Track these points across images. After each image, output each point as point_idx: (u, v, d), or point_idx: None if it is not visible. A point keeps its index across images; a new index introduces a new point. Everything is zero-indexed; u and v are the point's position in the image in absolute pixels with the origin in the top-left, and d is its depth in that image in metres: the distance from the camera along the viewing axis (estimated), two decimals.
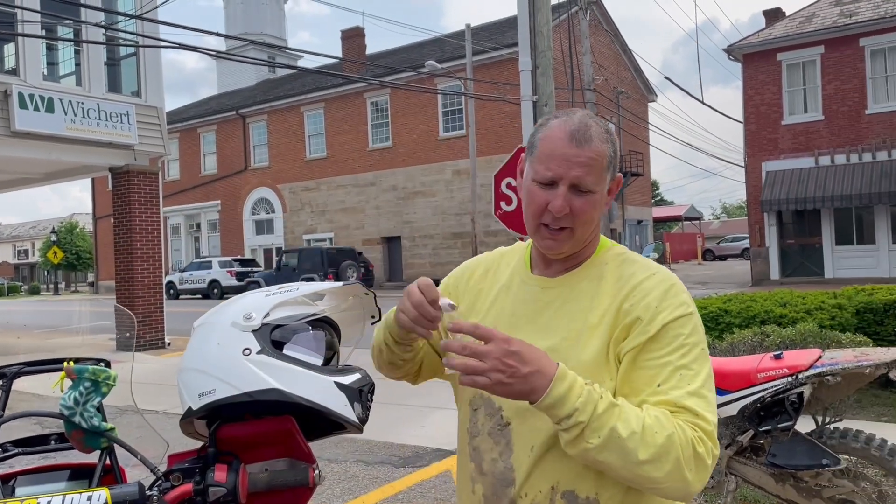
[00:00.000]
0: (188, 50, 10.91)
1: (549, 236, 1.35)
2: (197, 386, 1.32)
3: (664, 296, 1.30)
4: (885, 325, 6.18)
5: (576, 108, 1.43)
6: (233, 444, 1.34)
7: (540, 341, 1.30)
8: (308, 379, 1.30)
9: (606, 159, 1.33)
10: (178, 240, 39.16)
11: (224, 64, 41.46)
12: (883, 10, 21.06)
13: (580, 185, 1.30)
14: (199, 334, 1.39)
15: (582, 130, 1.31)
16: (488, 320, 1.42)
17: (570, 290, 1.37)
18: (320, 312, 1.41)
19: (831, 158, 21.45)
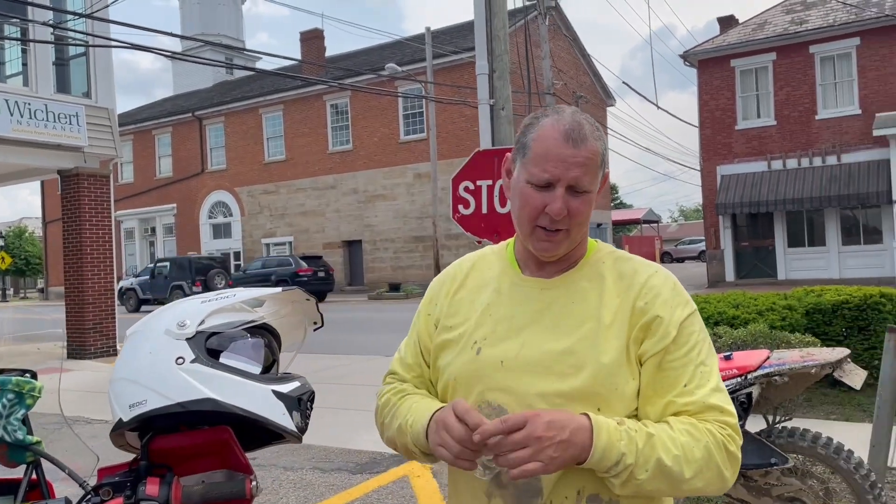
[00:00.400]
0: (142, 50, 10.70)
1: (545, 238, 1.31)
2: (128, 396, 1.27)
3: (674, 293, 1.32)
4: (833, 325, 6.33)
5: (563, 105, 1.38)
6: (166, 456, 1.30)
7: (552, 342, 1.29)
8: (244, 388, 1.26)
9: (600, 157, 1.31)
10: (133, 244, 38.36)
11: (180, 65, 40.81)
12: (832, 18, 21.67)
13: (577, 186, 1.28)
14: (130, 343, 1.34)
15: (576, 129, 1.28)
16: (485, 327, 1.36)
17: (572, 290, 1.34)
18: (259, 319, 1.37)
19: (783, 163, 21.98)
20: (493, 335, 1.34)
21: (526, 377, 1.29)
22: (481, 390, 1.32)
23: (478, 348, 1.34)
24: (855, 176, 20.57)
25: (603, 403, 1.25)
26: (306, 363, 11.35)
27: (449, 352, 1.39)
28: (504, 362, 1.31)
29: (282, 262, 27.17)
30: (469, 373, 1.34)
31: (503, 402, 1.29)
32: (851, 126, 21.18)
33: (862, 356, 6.19)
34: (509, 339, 1.33)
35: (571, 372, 1.27)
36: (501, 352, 1.32)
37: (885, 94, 20.75)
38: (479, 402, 1.32)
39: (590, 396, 1.25)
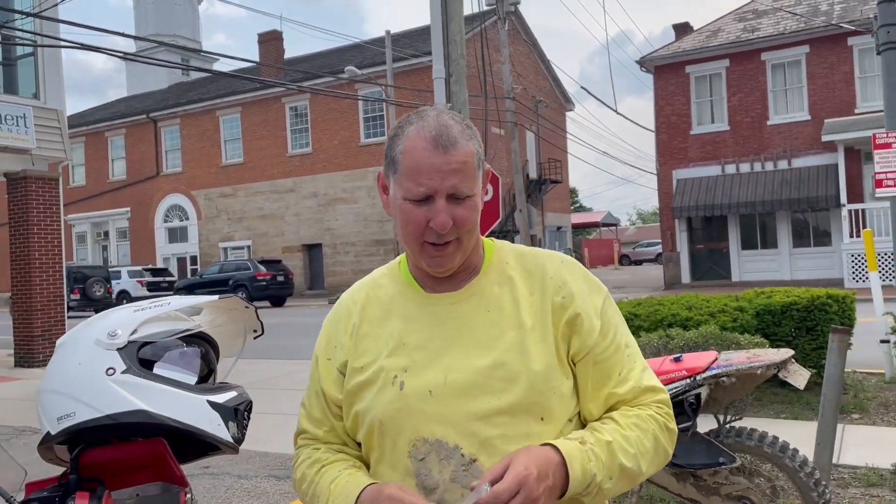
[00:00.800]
0: (94, 51, 10.47)
1: (436, 254, 1.23)
2: (55, 409, 1.23)
3: (586, 283, 1.30)
4: (782, 326, 6.47)
5: (425, 106, 1.29)
6: (98, 469, 1.26)
7: (478, 359, 1.22)
8: (178, 398, 1.23)
9: (476, 157, 1.23)
10: (85, 249, 37.46)
11: (134, 66, 40.03)
12: (782, 26, 22.23)
13: (458, 194, 1.19)
14: (60, 353, 1.30)
15: (444, 133, 1.19)
16: (402, 358, 1.25)
17: (484, 298, 1.27)
18: (195, 328, 1.35)
19: (736, 167, 22.45)
20: (413, 365, 1.24)
21: (460, 402, 1.20)
22: (414, 427, 1.22)
23: (400, 383, 1.23)
24: (805, 180, 21.12)
25: (545, 412, 1.21)
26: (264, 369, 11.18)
27: (366, 394, 1.26)
28: (433, 392, 1.22)
29: (240, 266, 26.82)
30: (395, 412, 1.23)
31: (441, 436, 1.20)
32: (801, 131, 21.75)
33: (810, 356, 6.34)
34: (432, 366, 1.23)
35: (505, 386, 1.20)
36: (427, 381, 1.23)
37: (833, 101, 21.35)
38: (414, 440, 1.22)
39: (530, 407, 1.21)
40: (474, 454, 1.19)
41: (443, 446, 1.20)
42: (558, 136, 34.77)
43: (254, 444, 5.94)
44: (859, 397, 6.48)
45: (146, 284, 28.06)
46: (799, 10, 22.68)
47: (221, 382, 1.36)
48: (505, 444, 1.19)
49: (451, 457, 1.20)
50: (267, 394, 8.28)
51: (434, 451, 1.21)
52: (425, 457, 1.21)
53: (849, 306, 6.60)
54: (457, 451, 1.20)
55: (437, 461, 1.20)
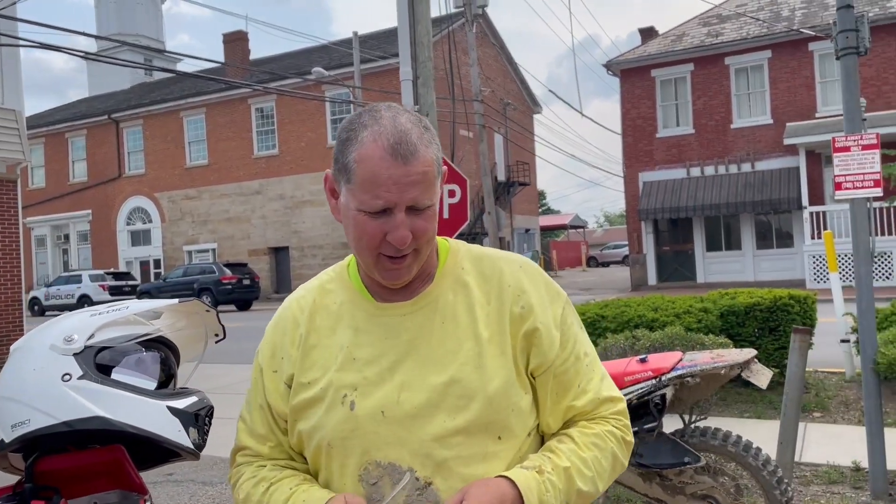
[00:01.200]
0: (54, 50, 10.25)
1: (392, 266, 1.14)
2: (10, 416, 1.19)
3: (546, 291, 1.24)
4: (746, 326, 6.57)
5: (377, 104, 1.18)
6: (54, 477, 1.23)
7: (433, 375, 1.15)
8: (136, 404, 1.20)
9: (436, 164, 1.14)
10: (45, 252, 36.65)
11: (95, 65, 39.29)
12: (745, 31, 22.64)
13: (417, 205, 1.11)
14: (14, 359, 1.26)
15: (402, 141, 1.09)
16: (351, 374, 1.17)
17: (439, 307, 1.19)
18: (154, 332, 1.32)
19: (701, 170, 22.80)
20: (364, 382, 1.16)
21: (414, 423, 1.14)
22: (365, 450, 1.15)
23: (350, 402, 1.16)
24: (768, 183, 21.53)
25: (502, 430, 1.16)
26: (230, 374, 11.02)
27: (313, 412, 1.18)
28: (385, 412, 1.14)
29: (205, 269, 26.46)
30: (346, 433, 1.15)
31: (395, 459, 1.14)
32: (764, 135, 22.16)
33: (773, 356, 6.45)
34: (384, 384, 1.16)
35: (462, 404, 1.14)
36: (379, 401, 1.15)
37: (795, 105, 21.80)
38: (365, 463, 1.15)
39: (487, 426, 1.15)
40: (429, 477, 1.13)
41: (396, 469, 1.14)
42: (526, 139, 34.97)
43: (218, 451, 5.85)
44: (820, 396, 6.61)
45: (108, 288, 27.53)
46: (761, 15, 23.11)
47: (181, 388, 1.33)
48: (460, 467, 1.13)
49: (404, 480, 1.14)
50: (231, 399, 8.15)
51: (387, 474, 1.14)
52: (378, 481, 1.15)
53: (810, 307, 6.73)
54: (410, 474, 1.13)
55: (391, 485, 1.14)
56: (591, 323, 6.63)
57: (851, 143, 4.27)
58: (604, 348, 5.32)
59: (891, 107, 20.21)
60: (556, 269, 41.43)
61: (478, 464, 1.14)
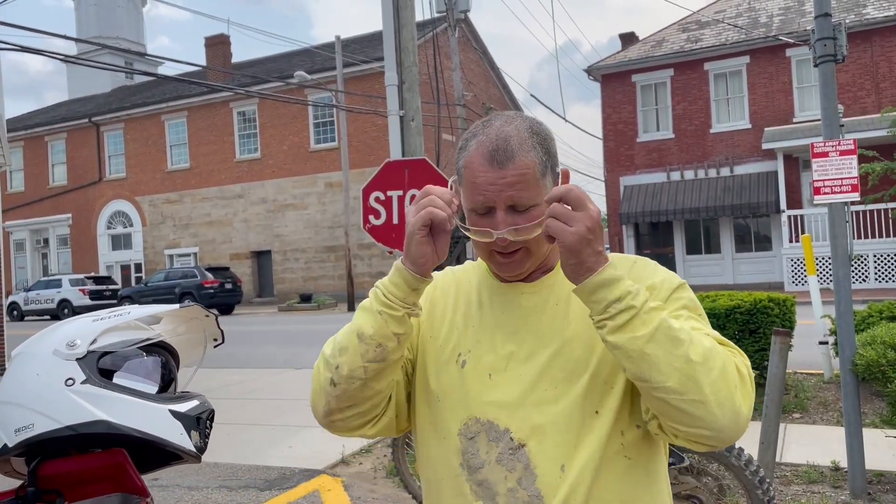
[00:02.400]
0: (33, 53, 10.17)
1: (504, 261, 1.25)
2: (13, 421, 1.21)
3: (656, 270, 1.28)
4: (727, 328, 6.65)
5: (498, 113, 1.28)
6: (56, 481, 1.24)
7: (541, 348, 1.22)
8: (139, 408, 1.22)
9: (538, 167, 1.20)
10: (23, 256, 36.19)
11: (75, 68, 38.91)
12: (724, 37, 22.91)
13: (518, 206, 1.19)
14: (17, 364, 1.27)
15: (501, 147, 1.19)
16: (468, 338, 1.28)
17: (555, 292, 1.27)
18: (155, 337, 1.34)
19: (681, 174, 23.02)
20: (478, 347, 1.27)
21: (516, 388, 1.22)
22: (467, 405, 1.24)
23: (462, 361, 1.27)
24: (746, 187, 21.78)
25: (600, 405, 1.19)
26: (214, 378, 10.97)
27: (430, 361, 1.30)
28: (492, 375, 1.24)
29: (186, 273, 26.28)
30: (454, 388, 1.26)
31: (493, 418, 1.22)
32: (743, 139, 22.42)
33: (753, 357, 6.53)
34: (495, 351, 1.25)
35: (563, 376, 1.20)
36: (488, 364, 1.25)
37: (773, 110, 22.09)
38: (467, 418, 1.24)
39: (585, 399, 1.19)
40: (524, 439, 1.20)
41: (493, 428, 1.21)
42: None
43: (204, 455, 5.84)
44: (800, 397, 6.71)
45: (89, 293, 27.26)
46: (740, 21, 23.40)
47: (183, 391, 1.36)
48: (556, 433, 1.19)
49: (500, 439, 1.21)
50: (216, 403, 8.11)
51: (484, 431, 1.22)
52: (475, 436, 1.22)
53: (789, 309, 6.83)
54: (506, 434, 1.20)
55: (486, 442, 1.22)
56: None
57: (829, 149, 4.36)
58: None
59: (867, 112, 20.54)
60: None
61: (574, 433, 1.18)
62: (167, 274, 26.97)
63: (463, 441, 1.23)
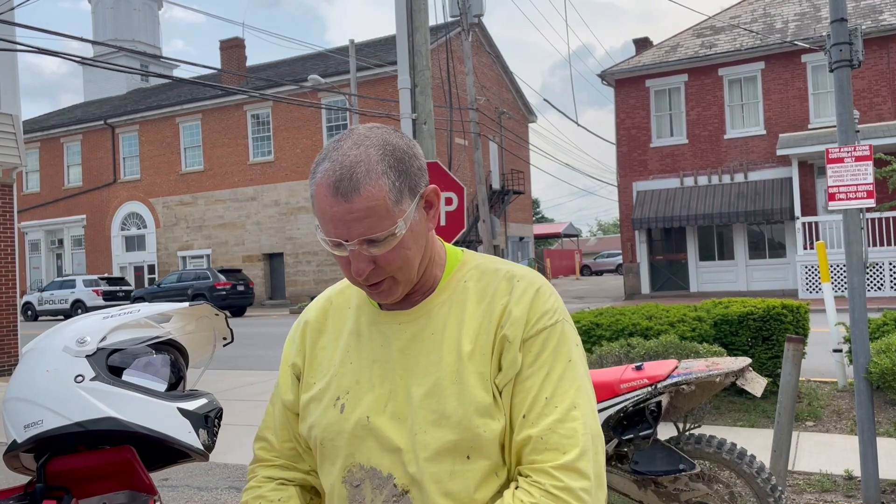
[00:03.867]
0: (51, 55, 10.27)
1: (373, 292, 1.17)
2: (22, 417, 1.22)
3: (531, 306, 1.16)
4: (740, 335, 6.61)
5: (357, 127, 1.18)
6: (65, 478, 1.25)
7: (416, 386, 1.15)
8: (148, 406, 1.23)
9: (390, 195, 1.09)
10: (38, 257, 36.51)
11: (91, 71, 39.30)
12: (738, 43, 22.81)
13: (372, 238, 1.10)
14: (27, 360, 1.28)
15: (345, 178, 1.08)
16: (346, 378, 1.21)
17: (433, 319, 1.19)
18: (164, 335, 1.34)
19: (695, 180, 22.92)
20: (356, 387, 1.20)
21: (395, 432, 1.16)
22: (350, 452, 1.18)
23: (341, 405, 1.20)
24: (761, 193, 21.65)
25: (471, 450, 1.13)
26: (225, 380, 11.01)
27: (312, 410, 1.23)
28: (370, 417, 1.17)
29: (199, 275, 26.42)
30: (334, 434, 1.19)
31: (376, 464, 1.16)
32: (757, 146, 22.31)
33: (766, 365, 6.49)
34: (373, 390, 1.18)
35: (434, 419, 1.13)
36: (367, 406, 1.18)
37: (787, 116, 21.96)
38: (350, 465, 1.19)
39: (456, 444, 1.13)
40: (406, 486, 1.14)
41: (377, 475, 1.16)
42: (521, 148, 35.08)
43: (214, 456, 5.86)
44: (813, 405, 6.65)
45: (102, 294, 27.45)
46: (755, 27, 23.30)
47: (191, 390, 1.36)
48: (432, 481, 1.13)
49: (383, 486, 1.16)
50: (227, 405, 8.17)
51: (368, 478, 1.17)
52: (360, 483, 1.18)
53: (803, 316, 6.78)
54: (390, 480, 1.15)
55: (371, 489, 1.17)
56: (586, 331, 6.67)
57: (845, 155, 4.32)
58: (599, 356, 5.35)
59: (883, 119, 20.38)
60: (549, 278, 41.51)
61: (447, 481, 1.12)
62: (180, 276, 27.12)
63: (349, 488, 1.19)
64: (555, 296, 1.20)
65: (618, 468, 3.44)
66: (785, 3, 24.52)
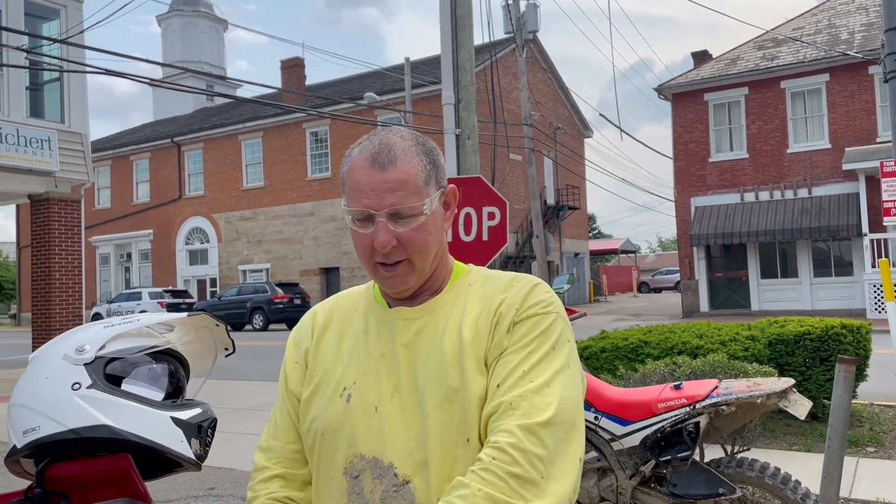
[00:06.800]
0: (121, 77, 10.70)
1: (387, 274, 1.21)
2: (22, 422, 1.25)
3: (527, 296, 1.20)
4: (796, 356, 6.37)
5: (387, 127, 1.26)
6: (63, 484, 1.27)
7: (423, 377, 1.18)
8: (141, 414, 1.24)
9: (422, 174, 1.18)
10: (108, 270, 37.94)
11: (160, 91, 40.81)
12: (802, 54, 22.19)
13: (400, 213, 1.16)
14: (31, 368, 1.32)
15: (384, 152, 1.17)
16: (353, 370, 1.24)
17: (437, 315, 1.23)
18: (163, 344, 1.36)
19: (756, 195, 22.30)
20: (363, 378, 1.23)
21: (400, 421, 1.18)
22: (353, 442, 1.20)
23: (347, 395, 1.22)
24: (826, 209, 20.92)
25: (471, 432, 1.15)
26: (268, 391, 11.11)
27: (315, 403, 1.25)
28: (378, 407, 1.20)
29: (258, 288, 26.99)
30: (338, 424, 1.21)
31: (378, 454, 1.18)
32: (822, 160, 21.58)
33: (824, 387, 6.23)
34: (380, 382, 1.21)
35: (441, 405, 1.16)
36: (374, 396, 1.21)
37: (854, 129, 21.20)
38: (350, 456, 1.20)
39: (459, 426, 1.15)
40: (408, 476, 1.16)
41: (378, 464, 1.18)
42: (576, 163, 34.79)
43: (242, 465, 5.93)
44: (875, 430, 6.34)
45: (166, 306, 28.30)
46: (819, 39, 22.63)
47: (187, 399, 1.37)
48: (436, 467, 1.14)
49: (384, 476, 1.17)
50: (262, 416, 8.27)
51: (369, 468, 1.18)
52: (360, 474, 1.19)
53: (864, 337, 6.49)
54: (391, 469, 1.16)
55: (371, 479, 1.18)
56: (634, 349, 6.52)
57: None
58: (642, 374, 5.22)
59: None
60: (605, 294, 40.90)
61: (449, 465, 1.14)
62: (240, 289, 27.76)
63: (349, 480, 1.20)
64: (551, 293, 1.23)
65: (655, 490, 3.34)
66: (851, 14, 23.75)
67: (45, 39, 12.15)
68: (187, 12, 42.78)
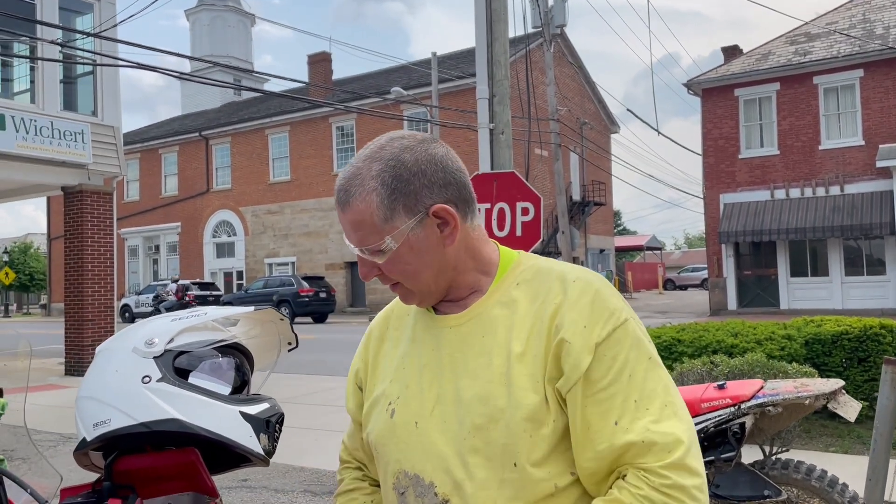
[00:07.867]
0: (152, 70, 10.80)
1: (394, 292, 1.21)
2: (92, 415, 1.25)
3: (591, 307, 1.10)
4: (833, 356, 6.26)
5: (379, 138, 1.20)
6: (131, 477, 1.27)
7: (465, 390, 1.12)
8: (211, 409, 1.24)
9: (378, 212, 1.11)
10: (136, 262, 38.45)
11: (188, 85, 41.20)
12: (835, 49, 21.79)
13: (363, 248, 1.14)
14: (98, 361, 1.32)
15: (342, 189, 1.14)
16: (398, 383, 1.20)
17: (483, 321, 1.16)
18: (230, 338, 1.36)
19: (786, 192, 21.98)
20: (405, 392, 1.19)
21: (440, 437, 1.13)
22: (397, 458, 1.17)
23: (392, 410, 1.19)
24: (858, 206, 20.56)
25: (517, 457, 1.08)
26: (302, 384, 11.19)
27: (372, 418, 1.24)
28: (418, 423, 1.16)
29: (284, 282, 27.17)
30: (385, 440, 1.19)
31: (419, 471, 1.14)
32: (855, 157, 21.21)
33: (862, 388, 6.12)
34: (422, 395, 1.17)
35: (482, 423, 1.10)
36: (414, 411, 1.17)
37: (888, 126, 20.79)
38: (397, 472, 1.17)
39: (504, 449, 1.09)
40: (447, 495, 1.11)
41: (420, 482, 1.14)
42: (603, 159, 34.54)
43: (291, 459, 5.97)
44: None
45: (194, 298, 28.58)
46: (853, 33, 22.20)
47: (254, 394, 1.37)
48: (475, 489, 1.09)
49: (425, 494, 1.13)
50: (304, 409, 8.33)
51: (412, 485, 1.15)
52: (405, 490, 1.16)
53: None
54: (431, 488, 1.12)
55: (414, 497, 1.14)
56: (667, 347, 6.46)
57: None
58: (679, 373, 5.17)
59: None
60: (630, 291, 40.62)
61: (493, 489, 1.08)
62: (266, 282, 27.97)
63: (396, 495, 1.17)
64: (617, 295, 1.14)
65: None
66: (886, 9, 23.27)
67: (79, 33, 12.29)
68: (216, 7, 43.10)
